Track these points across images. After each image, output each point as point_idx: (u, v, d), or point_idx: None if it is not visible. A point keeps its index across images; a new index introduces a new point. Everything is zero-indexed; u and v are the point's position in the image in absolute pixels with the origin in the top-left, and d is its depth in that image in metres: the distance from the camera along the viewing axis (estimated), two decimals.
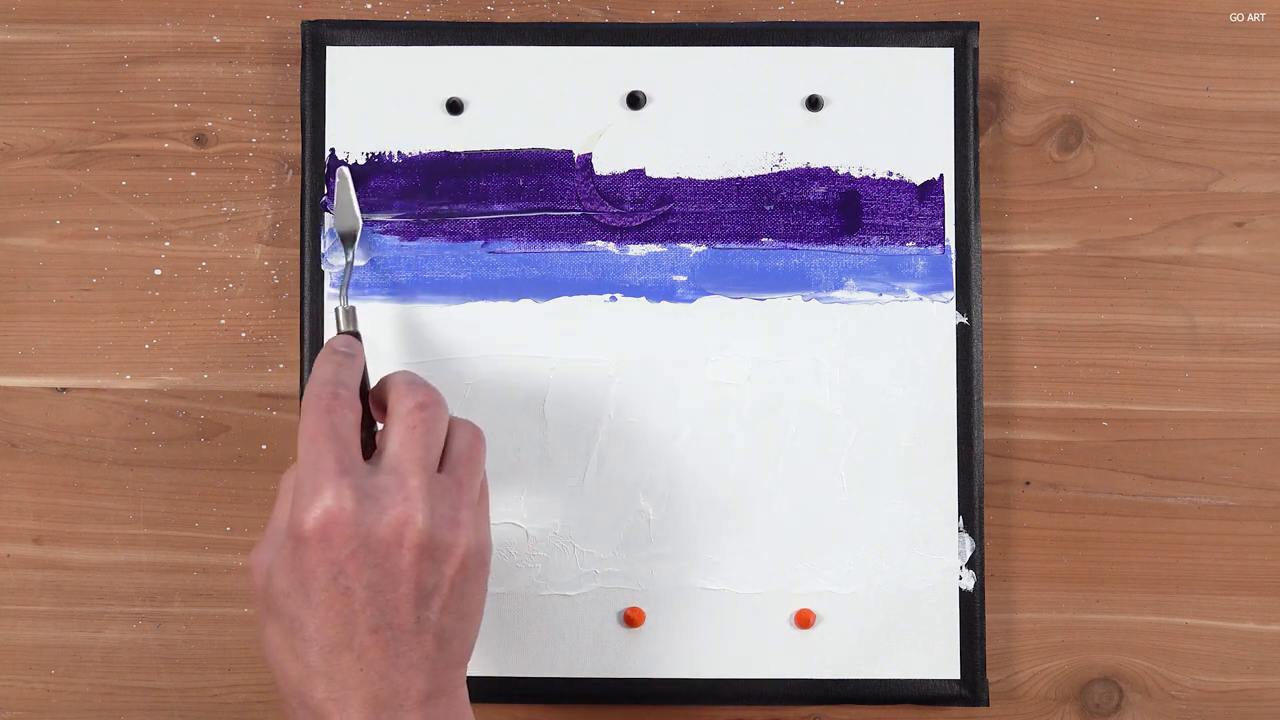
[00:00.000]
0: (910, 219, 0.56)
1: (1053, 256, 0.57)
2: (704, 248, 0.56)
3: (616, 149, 0.56)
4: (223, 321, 0.57)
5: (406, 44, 0.56)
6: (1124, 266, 0.57)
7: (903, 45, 0.56)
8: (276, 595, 0.44)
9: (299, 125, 0.57)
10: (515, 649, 0.55)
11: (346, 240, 0.54)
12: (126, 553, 0.57)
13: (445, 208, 0.56)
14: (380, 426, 0.49)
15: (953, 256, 0.56)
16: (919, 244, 0.56)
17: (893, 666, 0.55)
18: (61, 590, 0.57)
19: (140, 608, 0.57)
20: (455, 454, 0.47)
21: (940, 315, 0.55)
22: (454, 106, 0.56)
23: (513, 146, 0.56)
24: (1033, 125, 0.57)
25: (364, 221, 0.55)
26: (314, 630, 0.43)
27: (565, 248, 0.56)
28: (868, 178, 0.56)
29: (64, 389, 0.57)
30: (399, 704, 0.43)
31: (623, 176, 0.56)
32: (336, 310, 0.51)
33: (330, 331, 0.55)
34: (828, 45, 0.56)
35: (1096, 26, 0.57)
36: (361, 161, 0.56)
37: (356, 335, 0.51)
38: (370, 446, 0.49)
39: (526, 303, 0.56)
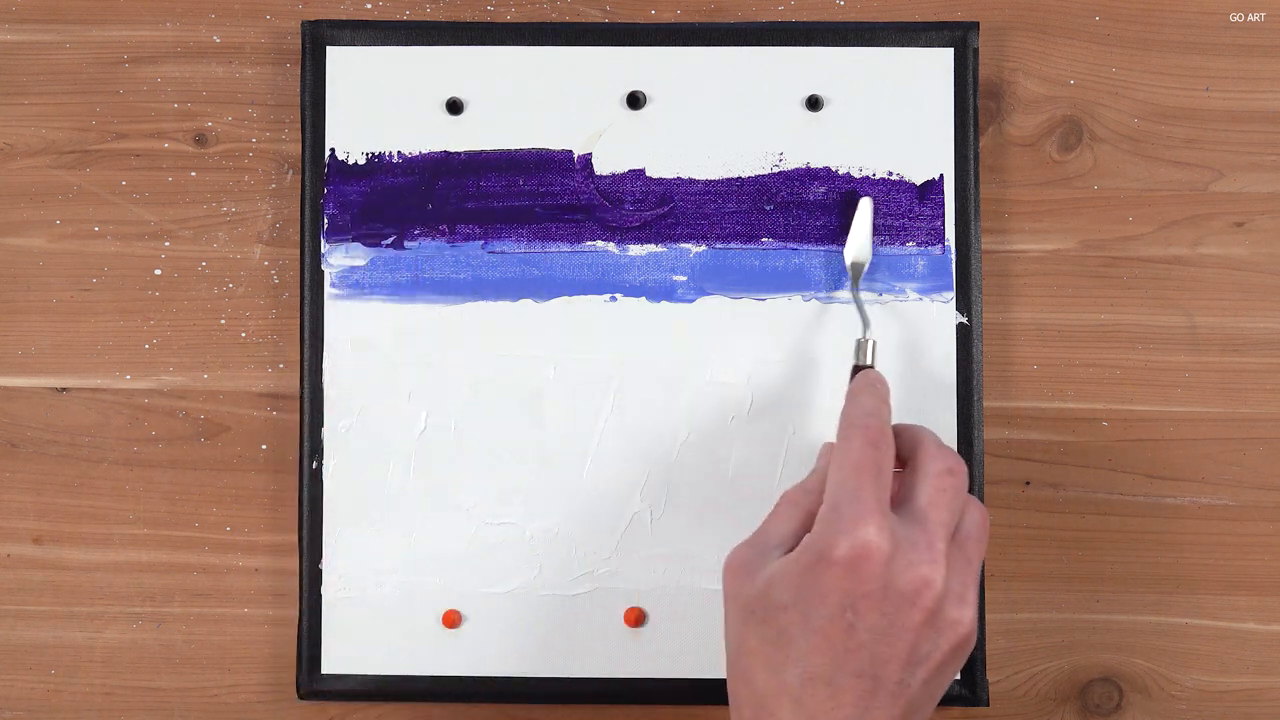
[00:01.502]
0: (910, 219, 0.56)
1: (1053, 256, 0.57)
2: (704, 248, 0.56)
3: (616, 149, 0.56)
4: (223, 321, 0.57)
5: (406, 44, 0.56)
6: (1124, 266, 0.57)
7: (903, 45, 0.56)
8: (773, 605, 0.43)
9: (299, 125, 0.57)
10: (515, 649, 0.55)
11: (855, 271, 0.54)
12: (126, 553, 0.57)
13: (446, 208, 0.56)
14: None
15: (953, 256, 0.55)
16: (919, 244, 0.56)
17: None
18: (61, 590, 0.57)
19: (140, 608, 0.57)
20: (967, 530, 0.46)
21: (940, 315, 0.55)
22: (454, 106, 0.56)
23: (513, 146, 0.56)
24: (1033, 125, 0.57)
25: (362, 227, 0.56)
26: (802, 652, 0.43)
27: (565, 248, 0.56)
28: (868, 178, 0.56)
29: (64, 389, 0.57)
30: None
31: (623, 176, 0.56)
32: (860, 341, 0.51)
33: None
34: (828, 45, 0.56)
35: (1096, 26, 0.57)
36: (361, 161, 0.56)
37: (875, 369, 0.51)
38: None
39: (526, 303, 0.56)
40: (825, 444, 0.49)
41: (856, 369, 0.51)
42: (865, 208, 0.54)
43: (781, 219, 0.56)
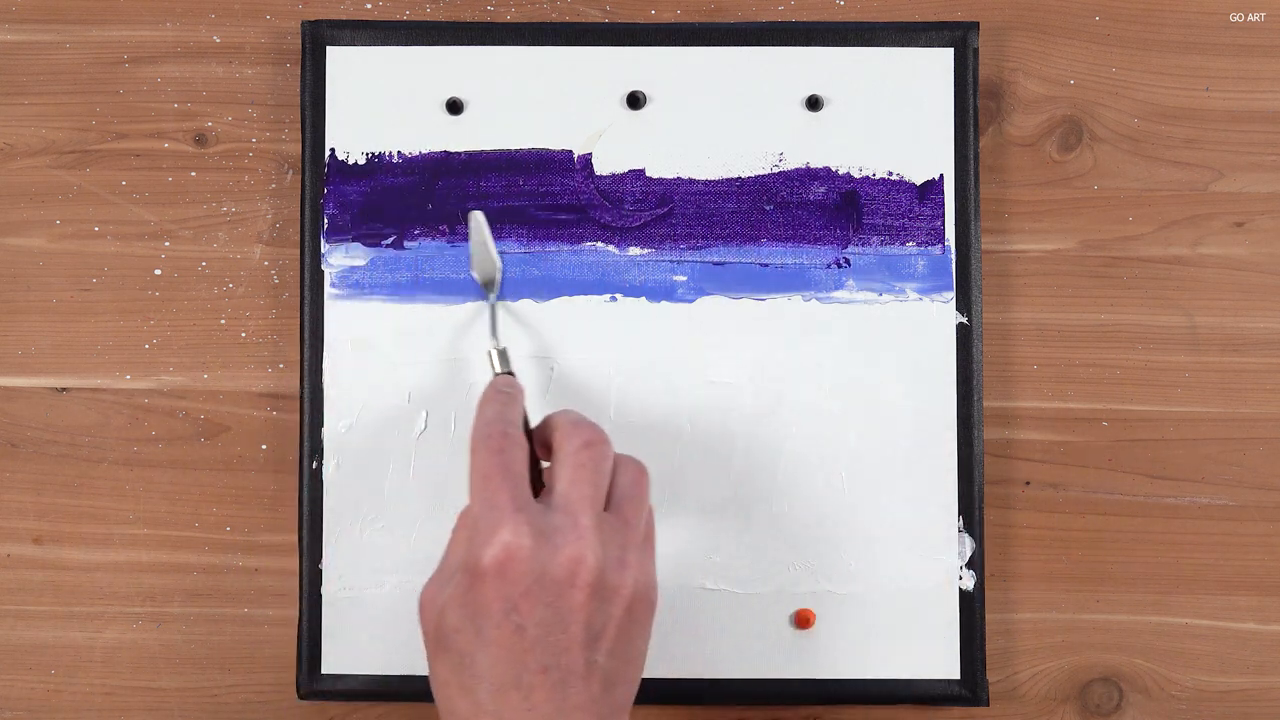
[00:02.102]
0: (910, 219, 0.56)
1: (1053, 256, 0.57)
2: (704, 248, 0.56)
3: (616, 149, 0.56)
4: (223, 321, 0.57)
5: (406, 44, 0.56)
6: (1124, 266, 0.57)
7: (903, 45, 0.56)
8: (448, 632, 0.44)
9: (299, 125, 0.57)
10: None
11: (487, 285, 0.54)
12: (126, 553, 0.57)
13: (446, 208, 0.56)
14: (544, 465, 0.49)
15: (953, 256, 0.56)
16: (919, 244, 0.56)
17: (893, 666, 0.55)
18: (61, 590, 0.57)
19: (140, 608, 0.57)
20: (620, 492, 0.46)
21: (940, 315, 0.55)
22: (454, 106, 0.56)
23: (513, 146, 0.56)
24: (1033, 125, 0.57)
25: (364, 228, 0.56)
26: (484, 667, 0.43)
27: (565, 248, 0.56)
28: (868, 178, 0.56)
29: (64, 389, 0.57)
30: None
31: (623, 176, 0.56)
32: (490, 352, 0.51)
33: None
34: (828, 45, 0.56)
35: (1096, 26, 0.57)
36: (361, 161, 0.56)
37: (511, 374, 0.51)
38: (537, 485, 0.49)
39: (526, 303, 0.56)
40: None
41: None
42: (477, 220, 0.54)
43: (781, 219, 0.56)
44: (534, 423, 0.49)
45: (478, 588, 0.43)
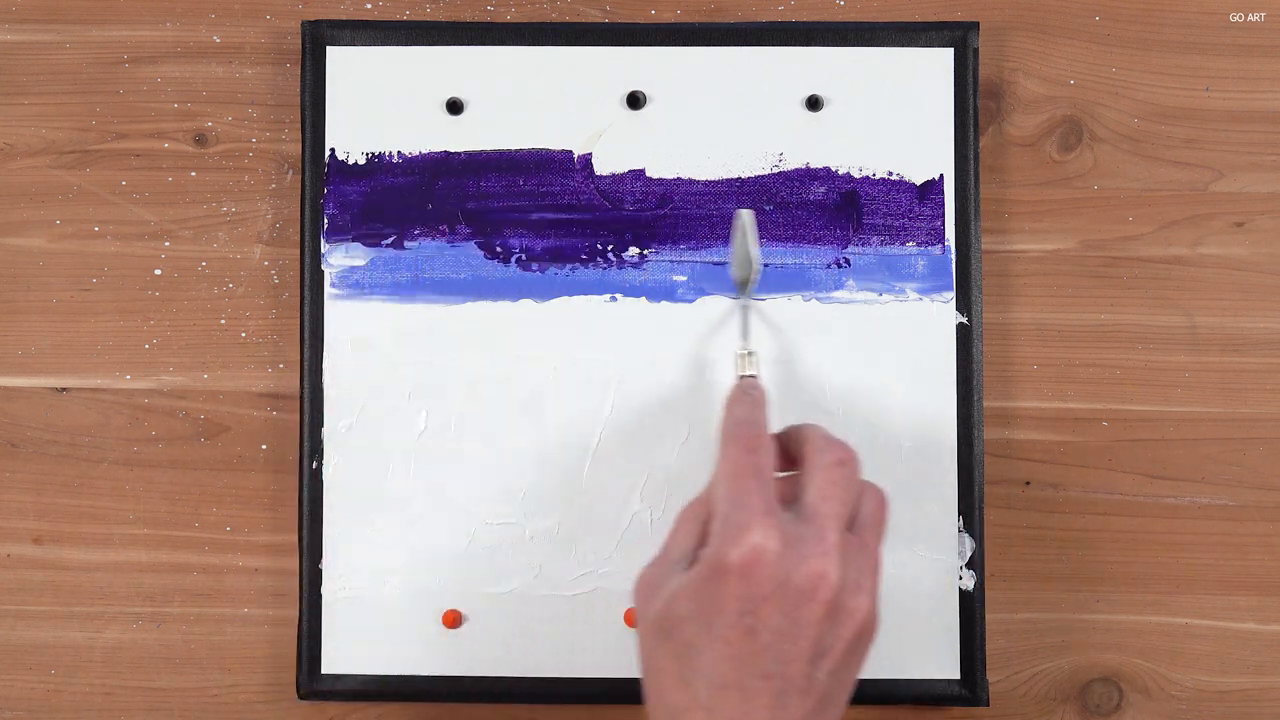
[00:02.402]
0: (910, 219, 0.56)
1: (1053, 256, 0.57)
2: (704, 248, 0.56)
3: (616, 149, 0.56)
4: (223, 321, 0.57)
5: (406, 44, 0.56)
6: (1124, 266, 0.57)
7: (903, 45, 0.56)
8: (675, 620, 0.44)
9: (299, 125, 0.57)
10: (515, 649, 0.55)
11: (741, 285, 0.54)
12: (126, 553, 0.57)
13: (446, 208, 0.56)
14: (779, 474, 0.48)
15: (953, 256, 0.55)
16: (919, 244, 0.56)
17: (893, 666, 0.55)
18: (61, 590, 0.57)
19: (140, 608, 0.57)
20: (864, 517, 0.46)
21: (940, 315, 0.55)
22: (454, 106, 0.56)
23: (513, 146, 0.56)
24: (1033, 125, 0.57)
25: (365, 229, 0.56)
26: (708, 663, 0.43)
27: (565, 248, 0.56)
28: (868, 178, 0.56)
29: (64, 389, 0.57)
30: None
31: (623, 176, 0.56)
32: (739, 354, 0.51)
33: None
34: (828, 45, 0.56)
35: (1096, 26, 0.57)
36: (361, 161, 0.56)
37: (756, 378, 0.50)
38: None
39: (526, 303, 0.56)
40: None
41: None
42: (745, 220, 0.53)
43: (781, 219, 0.56)
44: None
45: (717, 583, 0.43)
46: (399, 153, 0.56)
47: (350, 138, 0.56)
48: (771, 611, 0.43)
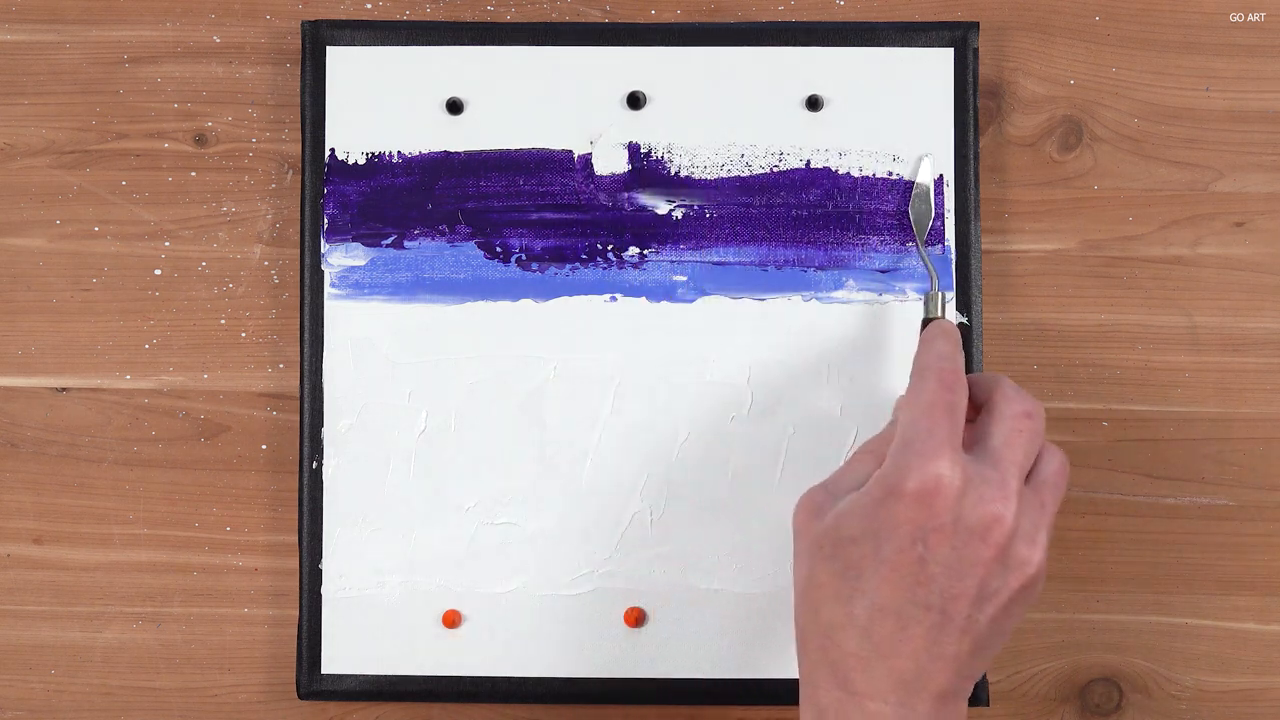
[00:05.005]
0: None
1: (1053, 256, 0.57)
2: (704, 248, 0.56)
3: (616, 149, 0.56)
4: (223, 321, 0.57)
5: (406, 44, 0.56)
6: (1124, 266, 0.57)
7: (903, 45, 0.56)
8: (842, 539, 0.44)
9: (299, 125, 0.57)
10: (515, 649, 0.55)
11: (920, 227, 0.54)
12: (126, 553, 0.57)
13: (446, 208, 0.56)
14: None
15: (953, 256, 0.55)
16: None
17: None
18: (61, 590, 0.57)
19: (140, 608, 0.57)
20: (1043, 474, 0.46)
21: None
22: (454, 106, 0.56)
23: (513, 146, 0.56)
24: (1033, 125, 0.57)
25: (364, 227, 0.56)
26: (871, 584, 0.43)
27: (565, 248, 0.56)
28: (867, 178, 0.56)
29: (64, 389, 0.57)
30: (920, 689, 0.43)
31: (623, 176, 0.56)
32: (930, 295, 0.52)
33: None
34: (828, 45, 0.56)
35: (1096, 26, 0.57)
36: (361, 161, 0.56)
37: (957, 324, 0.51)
38: None
39: (526, 303, 0.56)
40: (899, 397, 0.49)
41: (926, 321, 0.52)
42: (924, 166, 0.54)
43: (781, 219, 0.56)
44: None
45: (892, 505, 0.43)
46: (399, 153, 0.56)
47: (350, 138, 0.56)
48: (942, 543, 0.43)
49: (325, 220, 0.56)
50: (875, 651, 0.43)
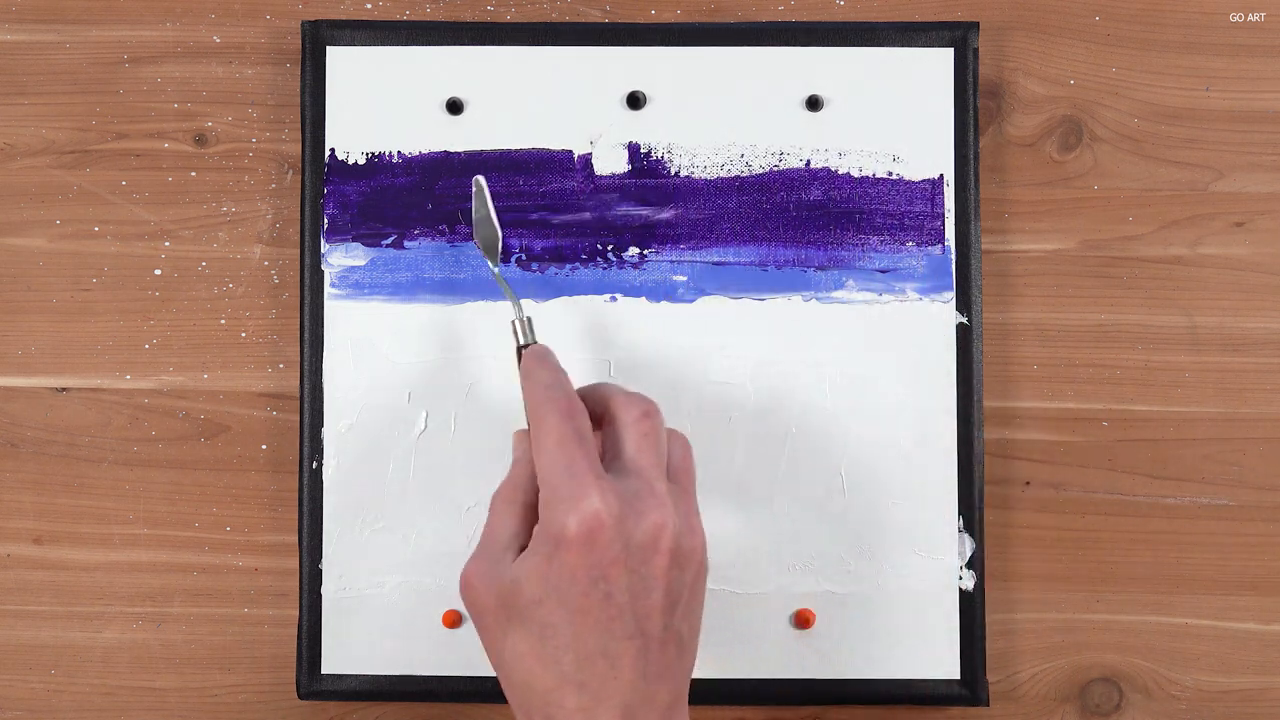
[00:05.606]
0: (910, 219, 0.56)
1: (1053, 256, 0.57)
2: (704, 248, 0.56)
3: (616, 149, 0.56)
4: (223, 321, 0.57)
5: (406, 44, 0.56)
6: (1124, 266, 0.57)
7: (903, 45, 0.56)
8: (525, 604, 0.44)
9: (299, 125, 0.57)
10: None
11: (490, 252, 0.53)
12: (126, 553, 0.57)
13: (446, 208, 0.56)
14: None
15: (953, 256, 0.55)
16: (919, 244, 0.56)
17: (893, 666, 0.55)
18: (61, 590, 0.57)
19: (140, 608, 0.57)
20: (676, 463, 0.47)
21: (940, 315, 0.55)
22: (454, 106, 0.56)
23: (513, 146, 0.56)
24: (1033, 125, 0.57)
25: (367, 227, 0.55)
26: (570, 637, 0.43)
27: (565, 248, 0.56)
28: (867, 178, 0.56)
29: (64, 389, 0.57)
30: (647, 713, 0.43)
31: (623, 176, 0.56)
32: (516, 322, 0.50)
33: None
34: (828, 45, 0.56)
35: (1096, 26, 0.57)
36: (361, 161, 0.56)
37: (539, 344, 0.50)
38: None
39: (526, 303, 0.56)
40: (517, 432, 0.48)
41: (520, 350, 0.50)
42: (478, 185, 0.52)
43: (781, 219, 0.56)
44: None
45: (563, 556, 0.43)
46: (399, 153, 0.56)
47: (350, 138, 0.56)
48: (620, 573, 0.43)
49: (325, 220, 0.56)
50: (595, 698, 0.43)
